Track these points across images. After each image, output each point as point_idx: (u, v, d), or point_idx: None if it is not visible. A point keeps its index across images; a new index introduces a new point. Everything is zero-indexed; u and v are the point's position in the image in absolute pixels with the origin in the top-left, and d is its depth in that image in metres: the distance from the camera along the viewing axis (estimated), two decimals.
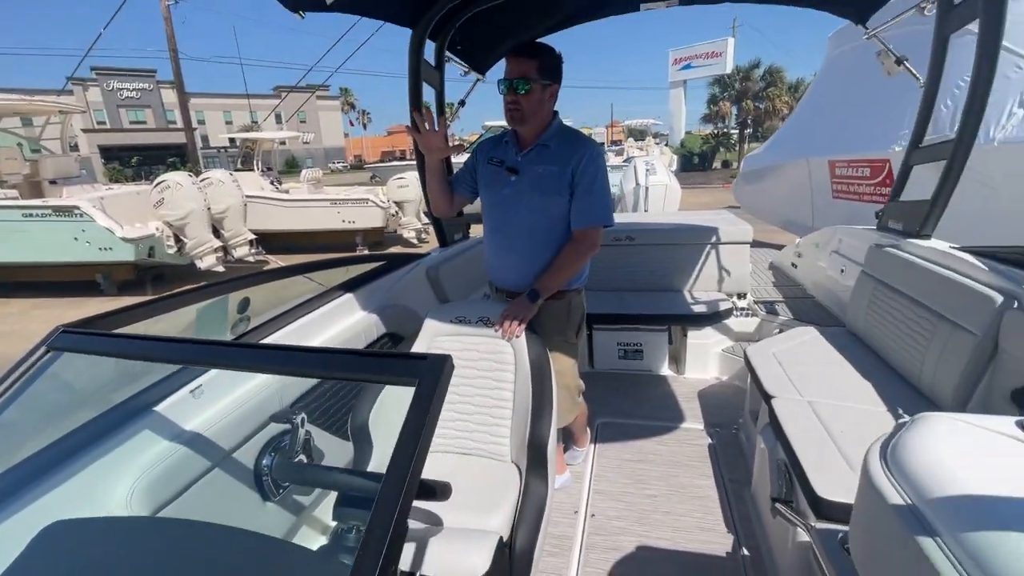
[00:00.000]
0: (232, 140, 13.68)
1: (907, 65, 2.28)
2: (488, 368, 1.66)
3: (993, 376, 1.65)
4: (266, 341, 1.53)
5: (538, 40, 1.86)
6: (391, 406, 1.65)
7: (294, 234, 10.26)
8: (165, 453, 1.07)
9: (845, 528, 1.07)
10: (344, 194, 10.58)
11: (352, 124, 61.43)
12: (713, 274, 3.32)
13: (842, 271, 3.00)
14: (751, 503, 2.03)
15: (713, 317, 3.02)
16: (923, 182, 2.40)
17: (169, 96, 42.44)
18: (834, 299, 3.04)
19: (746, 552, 1.82)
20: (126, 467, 1.00)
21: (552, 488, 1.54)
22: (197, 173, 10.34)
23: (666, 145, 23.08)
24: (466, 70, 2.79)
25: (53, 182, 8.30)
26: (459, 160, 3.19)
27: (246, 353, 0.90)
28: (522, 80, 1.63)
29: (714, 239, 3.28)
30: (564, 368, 1.89)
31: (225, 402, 1.24)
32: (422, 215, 10.35)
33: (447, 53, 2.54)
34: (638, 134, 29.56)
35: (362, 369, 0.77)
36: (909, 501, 0.66)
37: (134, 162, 29.57)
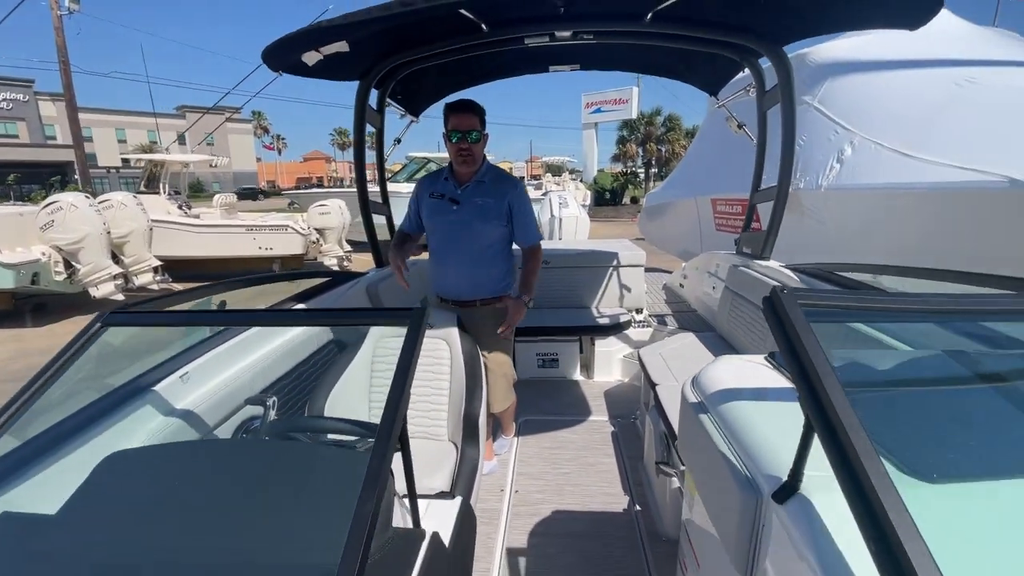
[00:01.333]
0: (126, 160, 12.78)
1: (745, 130, 3.01)
2: (428, 363, 1.99)
3: None
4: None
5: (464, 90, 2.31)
6: (343, 396, 1.91)
7: (205, 261, 9.77)
8: (163, 425, 1.28)
9: None
10: (261, 220, 10.29)
11: (269, 148, 58.93)
12: (615, 292, 3.90)
13: (713, 288, 3.69)
14: (643, 470, 2.50)
15: (615, 328, 3.57)
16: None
17: (48, 109, 38.12)
18: (709, 311, 3.72)
19: (638, 507, 2.27)
20: (135, 434, 1.20)
21: (483, 451, 1.88)
22: (93, 194, 9.56)
23: (580, 181, 24.82)
24: (403, 113, 3.18)
25: None
26: (396, 189, 3.45)
27: (292, 314, 1.17)
28: (474, 132, 2.10)
29: (615, 262, 3.87)
30: (503, 360, 2.30)
31: (208, 386, 1.46)
32: (344, 242, 10.33)
33: (387, 99, 2.91)
34: (556, 169, 31.56)
35: (374, 317, 1.11)
36: (699, 400, 1.11)
37: (11, 180, 25.96)
